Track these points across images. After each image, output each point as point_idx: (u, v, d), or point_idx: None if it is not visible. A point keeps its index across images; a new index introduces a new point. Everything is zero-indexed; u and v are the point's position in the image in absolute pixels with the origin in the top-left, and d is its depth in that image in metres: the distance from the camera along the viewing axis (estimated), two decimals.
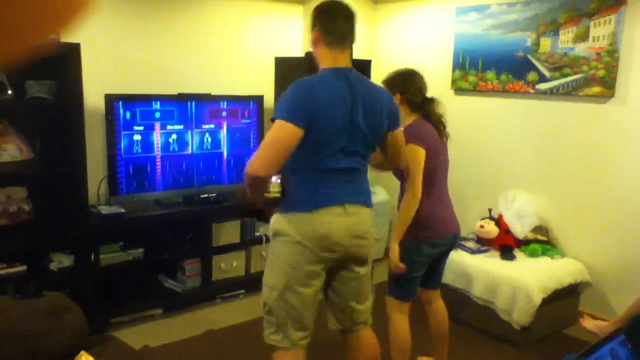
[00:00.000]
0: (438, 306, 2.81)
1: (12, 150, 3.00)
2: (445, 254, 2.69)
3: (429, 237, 2.50)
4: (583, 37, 3.46)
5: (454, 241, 2.65)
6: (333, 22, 2.09)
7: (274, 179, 4.11)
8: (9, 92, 2.85)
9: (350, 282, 2.23)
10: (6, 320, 1.88)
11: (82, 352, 1.90)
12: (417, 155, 2.41)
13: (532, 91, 3.78)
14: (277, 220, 2.12)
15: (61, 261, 3.18)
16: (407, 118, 2.52)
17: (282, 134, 1.94)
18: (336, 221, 2.06)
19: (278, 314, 2.10)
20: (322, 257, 2.07)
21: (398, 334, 2.61)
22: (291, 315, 2.09)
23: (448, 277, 3.55)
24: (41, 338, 1.88)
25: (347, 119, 2.04)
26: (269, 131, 1.98)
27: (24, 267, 3.06)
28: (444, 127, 2.57)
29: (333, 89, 2.03)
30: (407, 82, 2.52)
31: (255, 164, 1.94)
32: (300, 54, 4.42)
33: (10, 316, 1.90)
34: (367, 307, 2.30)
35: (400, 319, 2.61)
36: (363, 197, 2.17)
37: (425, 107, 2.52)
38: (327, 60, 2.11)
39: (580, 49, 3.48)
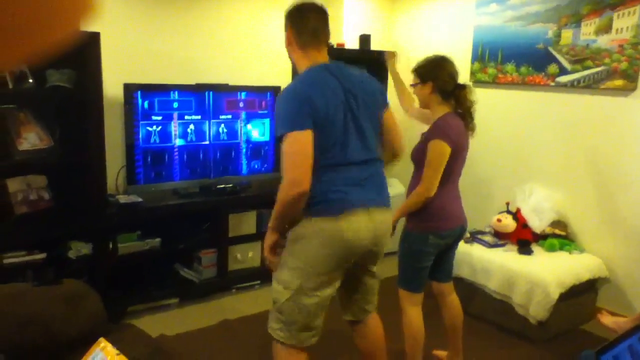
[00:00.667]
0: (452, 300, 2.79)
1: (32, 139, 3.04)
2: (453, 246, 2.68)
3: (437, 228, 2.49)
4: (606, 29, 3.40)
5: (461, 233, 2.64)
6: (306, 20, 2.06)
7: None
8: (30, 80, 2.88)
9: (364, 279, 2.26)
10: (25, 305, 1.90)
11: (101, 339, 1.91)
12: (442, 151, 2.38)
13: (552, 84, 3.72)
14: (301, 224, 2.06)
15: (79, 249, 3.22)
16: (438, 108, 2.49)
17: (298, 145, 1.91)
18: (362, 227, 2.03)
19: (288, 314, 2.09)
20: (345, 261, 2.07)
21: (411, 325, 2.61)
22: (302, 316, 2.08)
23: (464, 271, 3.53)
24: (59, 323, 1.90)
25: (346, 111, 2.01)
26: (285, 148, 1.93)
27: (43, 255, 3.10)
28: (472, 119, 2.53)
29: (323, 85, 1.99)
30: (438, 69, 2.47)
31: (296, 180, 1.90)
32: None
33: (29, 302, 1.92)
34: (376, 296, 2.36)
35: (413, 311, 2.60)
36: (385, 198, 2.15)
37: (456, 95, 2.47)
38: (305, 59, 2.08)
39: (603, 41, 3.42)
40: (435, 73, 2.46)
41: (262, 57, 4.21)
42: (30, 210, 3.08)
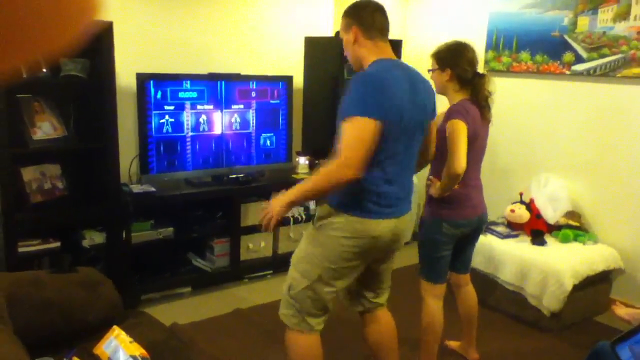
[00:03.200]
0: (467, 291, 2.79)
1: (46, 128, 3.05)
2: (472, 237, 2.66)
3: (451, 216, 2.47)
4: (624, 15, 3.34)
5: (479, 224, 2.60)
6: (372, 17, 2.05)
7: (302, 160, 4.11)
8: (44, 69, 2.89)
9: (377, 272, 2.28)
10: (44, 291, 1.92)
11: (115, 327, 1.93)
12: (460, 127, 2.33)
13: (567, 72, 3.67)
14: (328, 212, 2.05)
15: (93, 238, 3.24)
16: (455, 95, 2.46)
17: (365, 131, 1.87)
18: (387, 226, 2.07)
19: (302, 302, 2.11)
20: (368, 257, 2.11)
21: (430, 318, 2.58)
22: (316, 305, 2.10)
23: (477, 262, 3.51)
24: (77, 309, 1.92)
25: (412, 108, 2.01)
26: (347, 130, 1.88)
27: (57, 244, 3.13)
28: (489, 108, 2.50)
29: (397, 78, 1.99)
30: (457, 56, 2.42)
31: (351, 164, 1.84)
32: (330, 33, 4.38)
33: (48, 288, 1.95)
34: (386, 287, 2.37)
35: (433, 303, 2.58)
36: (410, 202, 2.20)
37: (474, 84, 2.43)
38: (373, 53, 2.05)
39: (620, 28, 3.37)
40: (454, 60, 2.41)
41: (274, 46, 4.19)
42: (45, 199, 3.11)
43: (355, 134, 1.86)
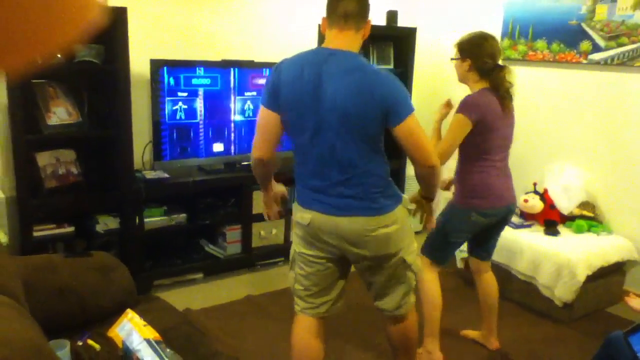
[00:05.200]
0: (488, 277, 2.82)
1: (61, 113, 3.07)
2: (498, 226, 2.68)
3: (479, 205, 2.51)
4: None
5: (507, 213, 2.63)
6: (337, 2, 1.97)
7: None
8: (59, 55, 2.90)
9: (376, 285, 2.17)
10: (60, 275, 1.94)
11: (129, 310, 1.95)
12: (459, 123, 2.39)
13: (584, 61, 3.62)
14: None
15: (107, 223, 3.27)
16: (474, 85, 2.49)
17: (261, 118, 2.04)
18: (316, 218, 2.04)
19: (290, 282, 2.22)
20: (314, 244, 2.10)
21: (429, 290, 2.64)
22: (297, 286, 2.18)
23: None
24: (92, 293, 1.94)
25: (311, 103, 1.90)
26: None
27: (71, 228, 3.16)
28: (511, 99, 2.51)
29: (297, 69, 1.91)
30: (477, 48, 2.44)
31: (255, 146, 2.08)
32: None
33: (63, 272, 1.97)
34: (394, 305, 2.18)
35: (430, 276, 2.63)
36: (359, 208, 1.98)
37: (494, 76, 2.44)
38: (325, 41, 2.00)
39: None
40: (474, 51, 2.44)
41: (288, 33, 4.17)
42: (59, 184, 3.13)
43: (258, 119, 2.06)
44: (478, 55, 2.42)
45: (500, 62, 2.50)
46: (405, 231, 2.08)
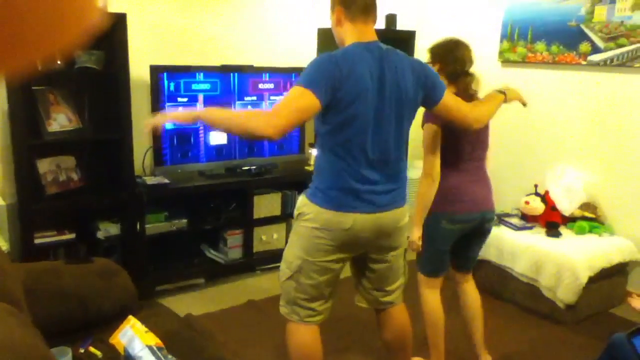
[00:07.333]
0: (467, 287, 2.68)
1: (61, 120, 3.08)
2: (475, 235, 2.55)
3: (449, 211, 2.41)
4: None
5: (482, 221, 2.49)
6: None
7: (315, 152, 4.10)
8: (59, 62, 2.90)
9: (378, 272, 2.20)
10: (61, 280, 1.94)
11: (130, 317, 1.95)
12: (430, 132, 2.35)
13: (584, 63, 3.63)
14: (303, 202, 2.07)
15: (108, 229, 3.27)
16: None
17: (301, 98, 1.83)
18: (360, 220, 1.99)
19: (288, 292, 2.12)
20: (347, 250, 2.06)
21: (429, 309, 2.57)
22: (300, 296, 2.10)
23: (491, 254, 3.50)
24: (94, 298, 1.94)
25: (376, 94, 1.92)
26: (286, 95, 1.88)
27: (73, 235, 3.16)
28: None
29: (359, 62, 1.90)
30: (447, 53, 2.45)
31: (275, 124, 1.78)
32: None
33: (65, 277, 1.96)
34: (393, 289, 2.25)
35: (429, 294, 2.56)
36: (398, 199, 2.07)
37: (459, 81, 2.43)
38: (352, 35, 1.98)
39: (639, 17, 3.31)
40: (443, 56, 2.45)
41: (287, 38, 4.18)
42: (60, 190, 3.13)
43: (292, 99, 1.84)
44: (446, 60, 2.43)
45: (469, 70, 2.48)
46: None
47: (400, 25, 4.32)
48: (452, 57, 2.44)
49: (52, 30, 0.39)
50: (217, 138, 3.66)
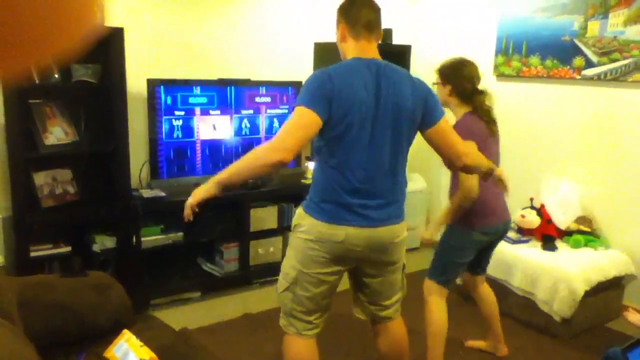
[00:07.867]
0: (484, 288, 2.88)
1: (58, 133, 3.08)
2: (495, 243, 2.73)
3: (482, 224, 2.54)
4: (635, 19, 3.32)
5: (505, 230, 2.69)
6: (358, 12, 2.02)
7: (311, 165, 4.11)
8: (56, 75, 2.92)
9: (374, 287, 2.20)
10: (56, 294, 1.94)
11: (125, 331, 1.94)
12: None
13: (578, 77, 3.66)
14: (300, 214, 2.09)
15: (104, 242, 3.26)
16: (457, 109, 2.55)
17: (303, 118, 1.88)
18: (355, 233, 2.00)
19: (285, 304, 2.14)
20: (343, 263, 2.07)
21: (435, 318, 2.63)
22: (297, 308, 2.11)
23: (488, 267, 3.49)
24: (89, 311, 1.93)
25: (372, 108, 1.94)
26: (289, 119, 1.93)
27: (68, 248, 3.15)
28: (494, 122, 2.55)
29: (355, 77, 1.92)
30: (456, 72, 2.52)
31: (281, 147, 1.85)
32: None
33: (60, 291, 1.96)
34: (390, 303, 2.25)
35: (438, 303, 2.63)
36: (395, 215, 2.07)
37: (474, 99, 2.51)
38: (353, 52, 2.01)
39: (632, 32, 3.35)
40: (453, 76, 2.52)
41: (284, 52, 4.21)
42: (56, 203, 3.13)
43: (294, 120, 1.89)
44: (457, 80, 2.50)
45: (479, 87, 2.55)
46: None
47: (396, 40, 4.36)
48: (461, 76, 2.51)
49: (50, 33, 0.38)
50: (214, 151, 3.67)
